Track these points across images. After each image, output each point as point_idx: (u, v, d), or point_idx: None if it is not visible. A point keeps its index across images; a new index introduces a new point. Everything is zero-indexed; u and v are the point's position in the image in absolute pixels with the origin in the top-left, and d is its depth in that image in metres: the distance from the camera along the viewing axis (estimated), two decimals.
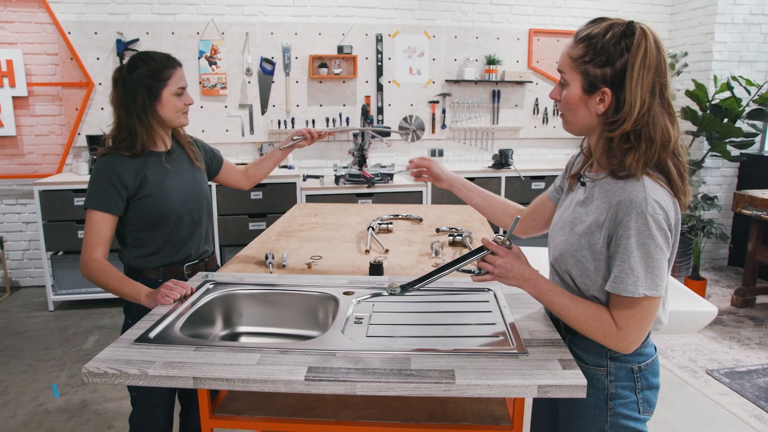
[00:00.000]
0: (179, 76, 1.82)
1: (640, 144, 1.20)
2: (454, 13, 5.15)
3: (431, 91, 5.23)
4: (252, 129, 4.90)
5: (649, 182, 1.19)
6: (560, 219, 1.39)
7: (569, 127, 1.32)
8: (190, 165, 1.95)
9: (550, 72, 5.44)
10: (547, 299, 1.30)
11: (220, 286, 1.72)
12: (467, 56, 5.21)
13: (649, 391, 1.33)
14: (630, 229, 1.17)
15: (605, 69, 1.19)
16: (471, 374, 1.19)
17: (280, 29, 4.80)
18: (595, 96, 1.22)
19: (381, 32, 5.00)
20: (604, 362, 1.32)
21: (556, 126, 5.58)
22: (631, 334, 1.22)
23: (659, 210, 1.16)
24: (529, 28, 5.31)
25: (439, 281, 1.80)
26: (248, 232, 4.41)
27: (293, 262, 2.07)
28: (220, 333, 1.67)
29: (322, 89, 4.98)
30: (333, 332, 1.39)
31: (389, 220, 2.73)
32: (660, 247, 1.17)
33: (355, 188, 4.55)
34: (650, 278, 1.17)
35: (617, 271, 1.19)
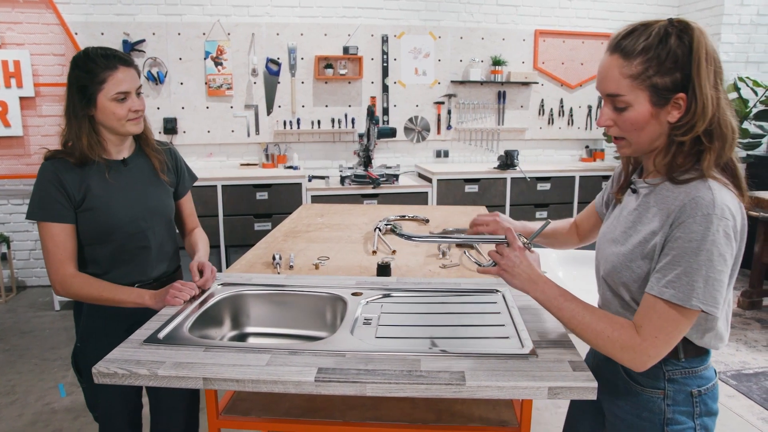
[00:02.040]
0: (120, 79, 1.57)
1: (713, 143, 1.11)
2: (459, 14, 5.14)
3: (437, 91, 5.23)
4: (258, 129, 4.90)
5: (715, 184, 1.10)
6: (610, 230, 1.30)
7: (631, 150, 1.20)
8: (153, 177, 1.75)
9: (556, 73, 5.43)
10: (555, 305, 1.22)
11: (229, 287, 1.72)
12: (473, 57, 5.21)
13: (708, 418, 1.24)
14: (693, 232, 1.06)
15: (675, 75, 1.10)
16: (481, 376, 1.18)
17: (286, 30, 4.81)
18: (668, 106, 1.12)
19: (386, 33, 5.00)
20: (661, 384, 1.22)
21: (561, 127, 5.57)
22: (655, 348, 1.10)
23: (728, 215, 1.06)
24: (534, 29, 5.30)
25: (449, 280, 1.80)
26: (254, 233, 4.42)
27: (300, 262, 2.07)
28: (229, 333, 1.67)
29: (328, 90, 4.99)
30: (342, 333, 1.39)
31: (396, 220, 2.72)
32: (724, 258, 1.06)
33: (361, 189, 4.55)
34: (709, 291, 1.06)
35: (667, 273, 1.08)
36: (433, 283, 1.79)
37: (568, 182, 5.06)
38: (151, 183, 1.75)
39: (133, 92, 1.62)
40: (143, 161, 1.76)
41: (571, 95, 5.53)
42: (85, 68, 1.57)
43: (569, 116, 5.56)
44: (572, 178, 5.06)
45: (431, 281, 1.81)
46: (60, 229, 1.59)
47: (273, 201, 4.45)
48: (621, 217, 1.28)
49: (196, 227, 1.95)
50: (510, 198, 4.91)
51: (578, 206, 5.10)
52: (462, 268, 2.07)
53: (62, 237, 1.60)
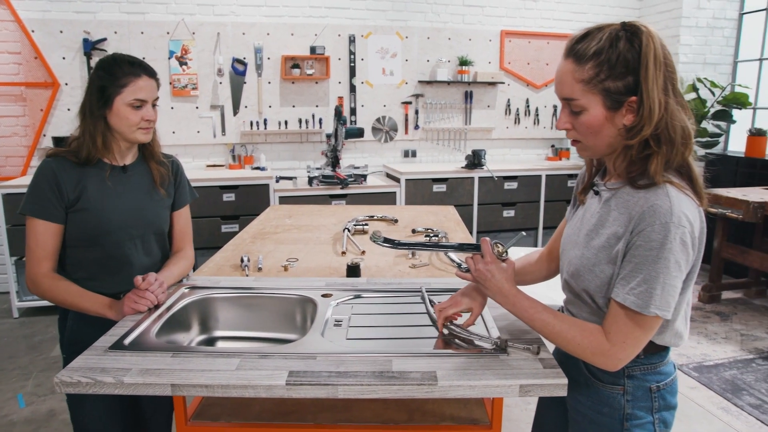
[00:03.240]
0: (140, 87, 1.62)
1: (660, 147, 1.12)
2: (426, 14, 5.17)
3: (404, 91, 5.24)
4: (224, 130, 4.84)
5: (673, 191, 1.11)
6: (573, 233, 1.31)
7: (589, 153, 1.22)
8: (150, 188, 1.75)
9: (522, 73, 5.51)
10: (527, 316, 1.24)
11: (196, 291, 1.69)
12: (440, 57, 5.24)
13: (667, 412, 1.28)
14: (652, 240, 1.08)
15: (627, 79, 1.11)
16: (453, 375, 1.19)
17: (252, 29, 4.76)
18: (622, 110, 1.13)
19: (354, 33, 4.99)
20: (621, 380, 1.24)
21: (527, 127, 5.65)
22: (624, 351, 1.14)
23: (685, 222, 1.08)
24: (500, 30, 5.36)
25: (419, 280, 1.81)
26: (221, 235, 4.36)
27: (269, 264, 2.05)
28: (197, 338, 1.64)
29: (295, 90, 4.95)
30: (313, 335, 1.38)
31: (365, 221, 2.72)
32: (679, 265, 1.09)
33: (329, 189, 4.53)
34: (663, 297, 1.09)
35: (630, 281, 1.11)
36: (403, 283, 1.80)
37: (535, 181, 5.13)
38: (148, 193, 1.74)
39: (149, 102, 1.66)
40: (144, 171, 1.76)
41: (537, 95, 5.62)
42: (109, 70, 1.61)
43: (535, 116, 5.64)
44: (539, 177, 5.13)
45: (401, 281, 1.82)
46: (45, 227, 1.59)
47: (240, 202, 4.40)
48: (584, 219, 1.29)
49: (185, 249, 1.87)
50: (478, 197, 4.96)
51: (545, 205, 5.18)
52: (431, 267, 2.08)
53: (45, 235, 1.59)
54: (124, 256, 1.67)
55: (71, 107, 4.51)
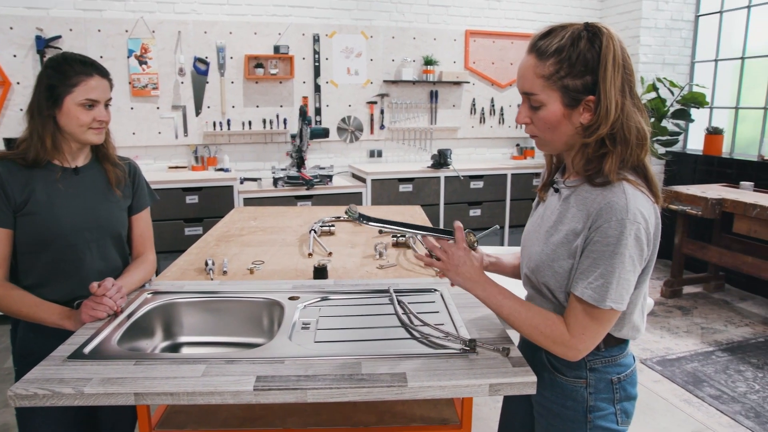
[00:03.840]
0: (92, 86, 1.57)
1: (615, 147, 1.15)
2: (391, 14, 5.18)
3: (369, 91, 5.24)
4: (186, 131, 4.75)
5: (629, 188, 1.14)
6: (534, 229, 1.35)
7: (548, 148, 1.26)
8: (105, 189, 1.70)
9: (487, 72, 5.57)
10: (495, 302, 1.27)
11: (159, 296, 1.66)
12: (405, 57, 5.26)
13: (627, 402, 1.31)
14: (608, 236, 1.12)
15: (585, 78, 1.14)
16: (422, 376, 1.19)
17: (214, 28, 4.69)
18: (579, 108, 1.17)
19: (318, 32, 4.97)
20: (583, 374, 1.28)
21: (492, 126, 5.71)
22: (583, 343, 1.18)
23: (641, 219, 1.12)
24: (465, 29, 5.41)
25: (387, 281, 1.81)
26: (184, 238, 4.28)
27: (234, 267, 2.03)
28: (161, 345, 1.60)
29: (259, 90, 4.90)
30: (280, 339, 1.36)
31: (331, 222, 2.71)
32: (633, 260, 1.13)
33: (294, 190, 4.50)
34: (618, 291, 1.13)
35: (587, 275, 1.15)
36: (371, 284, 1.80)
37: (501, 180, 5.19)
38: (102, 195, 1.70)
39: (102, 103, 1.61)
40: (98, 172, 1.71)
41: (502, 94, 5.69)
42: (58, 69, 1.57)
43: (500, 115, 5.71)
44: (504, 176, 5.20)
45: (369, 282, 1.82)
46: None
47: (204, 204, 4.33)
48: (545, 216, 1.32)
49: (145, 254, 1.83)
50: (444, 197, 4.99)
51: (510, 204, 5.24)
52: (399, 268, 2.08)
53: None
54: (77, 260, 1.62)
55: (24, 107, 4.37)
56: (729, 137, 5.09)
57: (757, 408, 2.93)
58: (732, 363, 3.44)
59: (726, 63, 5.22)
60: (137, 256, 1.82)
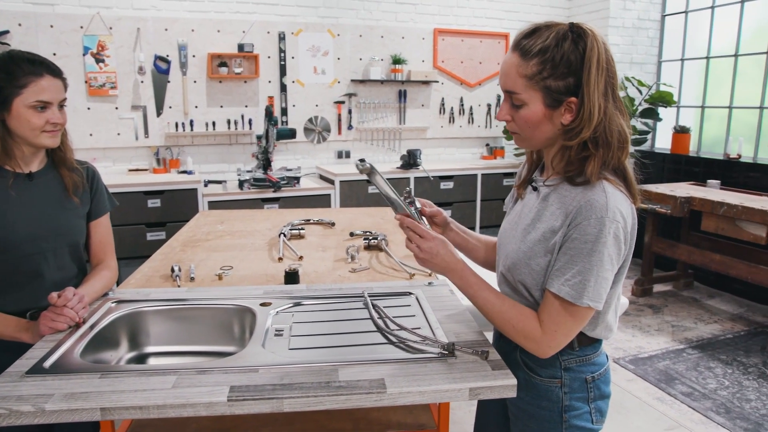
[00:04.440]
0: (43, 87, 1.50)
1: (597, 150, 1.17)
2: (358, 12, 5.18)
3: (336, 91, 5.23)
4: (147, 132, 4.66)
5: (609, 187, 1.17)
6: (511, 226, 1.36)
7: (527, 144, 1.28)
8: (61, 196, 1.64)
9: (455, 71, 5.61)
10: (471, 292, 1.29)
11: (124, 304, 1.61)
12: (373, 55, 5.26)
13: (602, 401, 1.34)
14: (587, 234, 1.14)
15: (568, 79, 1.16)
16: (401, 382, 1.19)
17: (175, 25, 4.61)
18: (561, 108, 1.18)
19: (283, 30, 4.93)
20: (558, 374, 1.30)
21: (462, 126, 5.76)
22: (555, 340, 1.20)
23: (619, 218, 1.15)
24: (433, 28, 5.44)
25: (361, 285, 1.80)
26: (146, 243, 4.19)
27: (202, 273, 1.99)
28: (126, 356, 1.57)
29: (223, 89, 4.84)
30: (253, 347, 1.34)
31: (300, 225, 2.69)
32: (611, 259, 1.15)
33: (261, 193, 4.45)
34: (596, 289, 1.15)
35: (565, 272, 1.17)
36: (344, 288, 1.79)
37: (471, 180, 5.24)
38: (58, 202, 1.64)
39: (55, 104, 1.54)
40: (53, 178, 1.65)
41: (471, 94, 5.74)
42: (5, 69, 1.49)
43: (469, 115, 5.76)
44: (474, 176, 5.24)
45: (342, 287, 1.81)
46: None
47: (166, 208, 4.25)
48: (522, 213, 1.34)
49: (106, 261, 1.77)
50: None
51: (481, 204, 5.29)
52: (372, 271, 2.08)
53: None
54: (33, 270, 1.57)
55: None
56: (695, 136, 5.24)
57: (727, 404, 3.02)
58: (702, 360, 3.54)
59: (692, 62, 5.37)
60: (97, 264, 1.77)
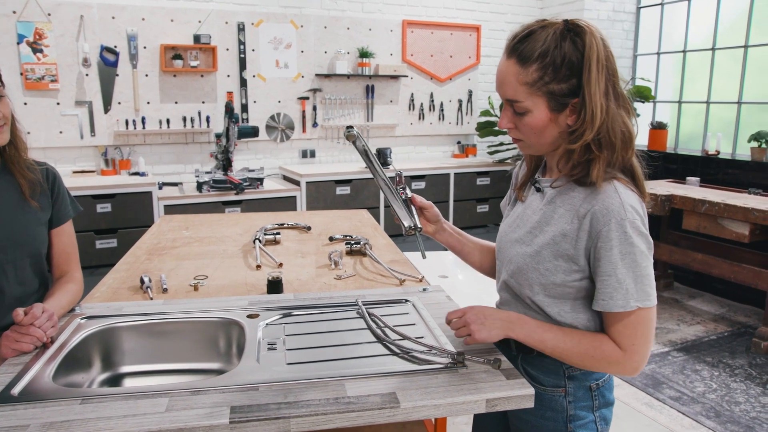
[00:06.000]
0: None
1: (602, 152, 1.18)
2: (323, 1, 5.15)
3: (300, 86, 5.19)
4: (93, 130, 4.51)
5: (620, 186, 1.19)
6: (513, 230, 1.36)
7: (533, 150, 1.29)
8: (18, 201, 1.58)
9: (425, 65, 5.64)
10: (537, 338, 1.26)
11: (95, 320, 1.55)
12: (338, 48, 5.24)
13: (606, 409, 1.35)
14: (611, 240, 1.16)
15: (571, 81, 1.17)
16: (415, 395, 1.18)
17: (123, 13, 4.48)
18: (566, 111, 1.19)
19: (243, 20, 4.86)
20: (562, 382, 1.31)
21: (432, 122, 5.79)
22: (637, 353, 1.20)
23: (636, 215, 1.17)
24: (402, 19, 5.46)
25: (351, 293, 1.78)
26: (96, 252, 4.06)
27: (175, 284, 1.93)
28: (99, 377, 1.50)
29: (178, 84, 4.73)
30: (247, 363, 1.31)
31: (275, 230, 2.65)
32: (644, 254, 1.17)
33: (222, 195, 4.38)
34: (640, 288, 1.17)
35: (604, 286, 1.18)
36: (334, 296, 1.76)
37: (443, 180, 5.27)
38: (15, 207, 1.56)
39: None
40: (7, 181, 1.57)
41: (441, 89, 5.78)
42: None
43: (440, 111, 5.80)
44: (447, 175, 5.28)
45: (332, 295, 1.78)
46: None
47: (117, 213, 4.13)
48: (525, 216, 1.34)
49: (71, 272, 1.70)
50: (384, 199, 4.99)
51: (454, 204, 5.33)
52: (358, 278, 2.06)
53: None
54: None
55: None
56: (672, 132, 5.40)
57: (716, 407, 3.11)
58: (688, 363, 3.64)
59: (667, 56, 5.53)
60: (60, 276, 1.70)
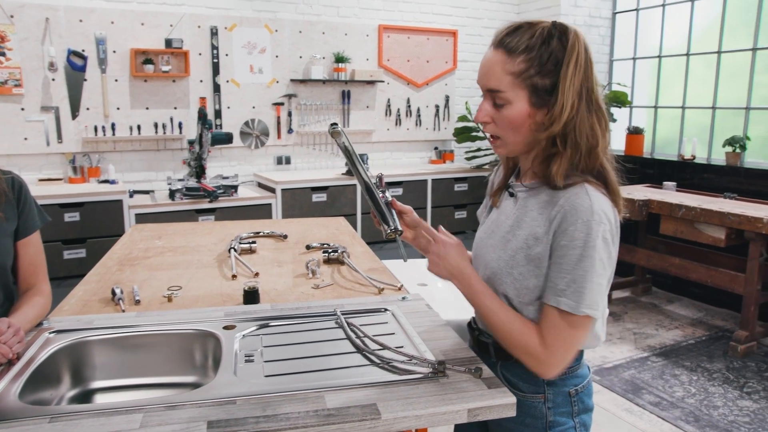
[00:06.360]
0: None
1: (566, 149, 1.21)
2: (297, 5, 5.14)
3: (275, 91, 5.17)
4: (60, 137, 4.44)
5: (591, 189, 1.20)
6: (488, 235, 1.39)
7: (507, 149, 1.29)
8: None
9: (402, 71, 5.66)
10: (478, 301, 1.31)
11: (64, 334, 1.52)
12: (314, 53, 5.23)
13: (585, 414, 1.36)
14: (575, 240, 1.17)
15: (555, 77, 1.19)
16: (396, 406, 1.17)
17: (92, 16, 4.43)
18: (544, 109, 1.22)
19: (216, 24, 4.83)
20: (541, 389, 1.32)
21: (409, 128, 5.81)
22: (555, 356, 1.21)
23: (605, 220, 1.18)
24: (378, 24, 5.47)
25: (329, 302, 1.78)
26: (63, 263, 3.99)
27: (148, 295, 1.91)
28: (68, 393, 1.47)
29: (149, 89, 4.68)
30: (224, 375, 1.29)
31: (250, 238, 2.63)
32: (603, 263, 1.18)
33: (195, 203, 4.34)
34: (591, 296, 1.17)
35: (559, 282, 1.19)
36: (312, 306, 1.76)
37: (421, 186, 5.29)
38: None
39: None
40: None
41: (418, 94, 5.80)
42: None
43: (417, 116, 5.82)
44: (424, 181, 5.29)
45: (310, 305, 1.77)
46: None
47: (86, 223, 4.06)
48: (499, 221, 1.36)
49: (38, 285, 1.66)
50: (361, 206, 5.00)
51: (432, 211, 5.35)
52: (337, 287, 2.05)
53: None
54: None
55: None
56: (649, 137, 5.49)
57: (695, 412, 3.16)
58: (667, 367, 3.69)
59: (643, 62, 5.63)
60: (27, 289, 1.66)
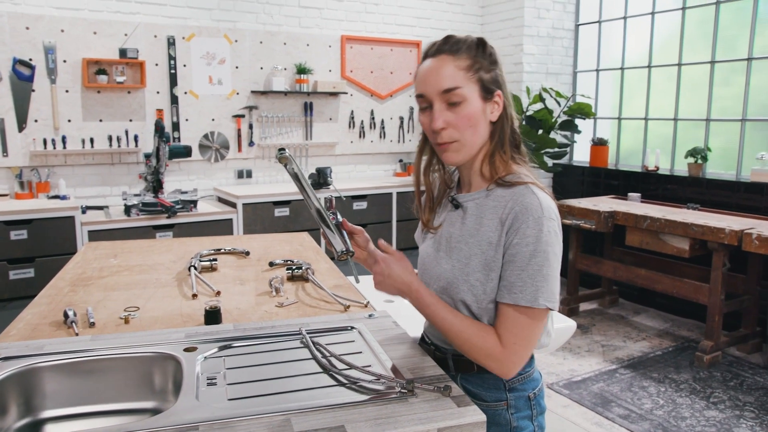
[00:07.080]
0: None
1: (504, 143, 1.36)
2: (258, 15, 5.13)
3: (236, 103, 5.14)
4: (5, 150, 4.33)
5: (536, 189, 1.29)
6: (436, 249, 1.44)
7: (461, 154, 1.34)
8: None
9: (365, 82, 5.69)
10: (430, 312, 1.35)
11: (11, 361, 1.47)
12: (275, 64, 5.23)
13: (541, 416, 1.43)
14: (528, 236, 1.24)
15: (495, 72, 1.32)
16: (364, 428, 1.17)
17: (39, 24, 4.34)
18: (491, 102, 1.33)
19: (173, 34, 4.79)
20: (503, 396, 1.38)
21: (373, 140, 5.83)
22: (515, 354, 1.27)
23: (554, 216, 1.27)
24: (341, 35, 5.50)
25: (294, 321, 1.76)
26: (9, 284, 3.88)
27: (103, 317, 1.87)
28: (15, 425, 1.43)
29: (102, 101, 4.60)
30: (185, 400, 1.27)
31: (211, 256, 2.60)
32: (556, 256, 1.27)
33: (152, 219, 4.27)
34: (548, 288, 1.24)
35: (514, 279, 1.25)
36: (276, 326, 1.74)
37: (385, 200, 5.30)
38: None
39: None
40: None
41: (382, 106, 5.83)
42: None
43: (381, 128, 5.85)
44: (389, 194, 5.31)
45: (274, 324, 1.76)
46: None
47: (35, 241, 3.96)
48: (446, 233, 1.42)
49: None
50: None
51: (397, 224, 5.36)
52: (301, 305, 2.04)
53: None
54: None
55: None
56: (613, 148, 5.62)
57: (664, 423, 3.22)
58: (635, 380, 3.76)
59: (606, 73, 5.77)
60: None
